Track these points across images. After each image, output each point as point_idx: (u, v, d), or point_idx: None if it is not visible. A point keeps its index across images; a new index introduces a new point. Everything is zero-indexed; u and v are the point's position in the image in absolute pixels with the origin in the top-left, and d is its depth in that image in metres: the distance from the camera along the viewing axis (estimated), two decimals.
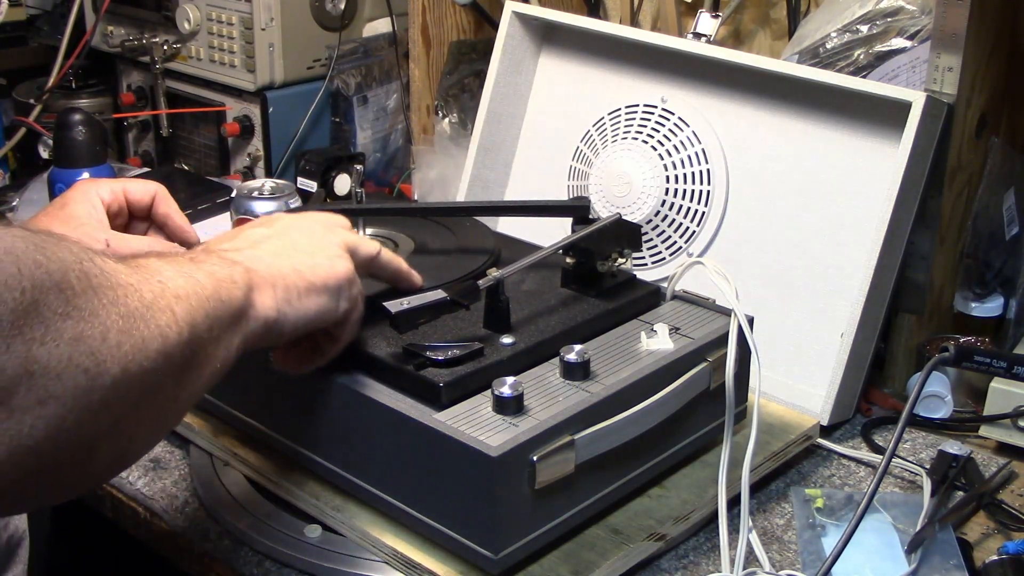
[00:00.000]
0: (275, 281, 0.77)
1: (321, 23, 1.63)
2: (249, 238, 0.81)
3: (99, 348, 0.59)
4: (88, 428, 0.60)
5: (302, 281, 0.78)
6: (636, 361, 0.90)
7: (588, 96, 1.29)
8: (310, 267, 0.80)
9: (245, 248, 0.79)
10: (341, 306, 0.82)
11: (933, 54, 1.08)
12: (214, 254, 0.75)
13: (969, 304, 1.18)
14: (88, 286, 0.60)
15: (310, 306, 0.79)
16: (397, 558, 0.85)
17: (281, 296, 0.77)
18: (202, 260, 0.72)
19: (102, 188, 1.00)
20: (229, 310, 0.71)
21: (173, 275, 0.67)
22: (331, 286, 0.80)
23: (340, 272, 0.82)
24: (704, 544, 0.92)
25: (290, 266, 0.79)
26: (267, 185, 1.29)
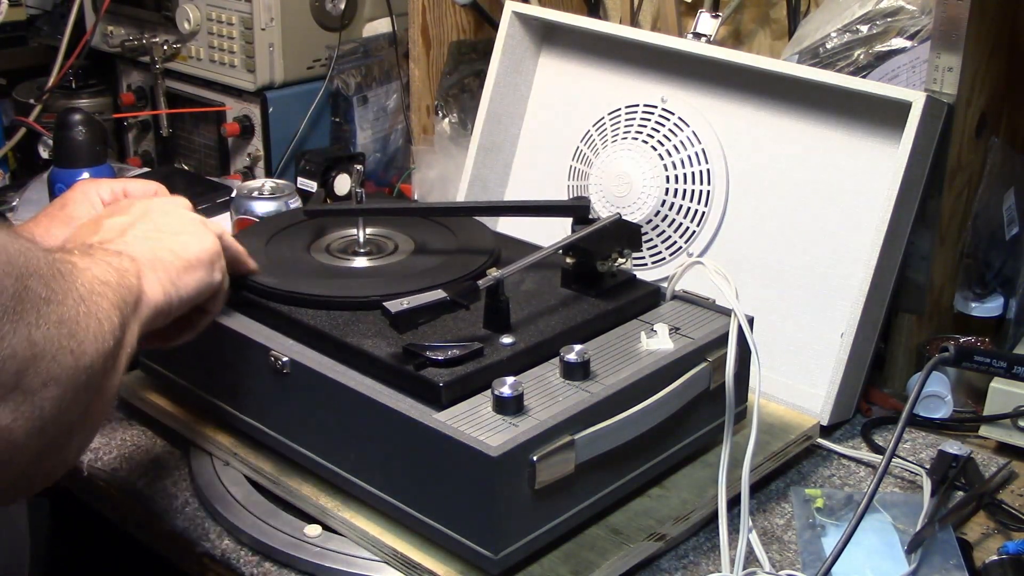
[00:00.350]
0: (155, 265, 0.78)
1: (321, 23, 1.63)
2: (114, 228, 0.82)
3: (76, 330, 0.62)
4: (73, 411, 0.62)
5: (179, 260, 0.81)
6: (636, 361, 0.90)
7: (588, 96, 1.29)
8: (182, 245, 0.82)
9: (116, 238, 0.80)
10: (215, 277, 0.85)
11: (933, 54, 1.08)
12: (96, 247, 0.76)
13: (969, 304, 1.18)
14: (55, 271, 0.62)
15: (191, 283, 0.81)
16: (397, 558, 0.85)
17: (164, 278, 0.79)
18: (93, 252, 0.74)
19: (102, 188, 1.00)
20: (132, 297, 0.73)
21: (89, 264, 0.69)
22: (205, 260, 0.83)
23: (209, 245, 0.84)
24: (704, 544, 0.92)
25: (164, 248, 0.80)
26: (267, 185, 1.30)
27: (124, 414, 1.09)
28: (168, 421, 1.05)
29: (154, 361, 1.05)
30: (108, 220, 0.83)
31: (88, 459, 1.03)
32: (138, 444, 1.05)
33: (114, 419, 1.09)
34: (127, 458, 1.03)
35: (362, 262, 1.03)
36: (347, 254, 1.04)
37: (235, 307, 0.97)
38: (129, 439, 1.06)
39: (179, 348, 1.01)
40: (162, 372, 1.05)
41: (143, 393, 1.07)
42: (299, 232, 1.08)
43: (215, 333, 0.96)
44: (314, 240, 1.07)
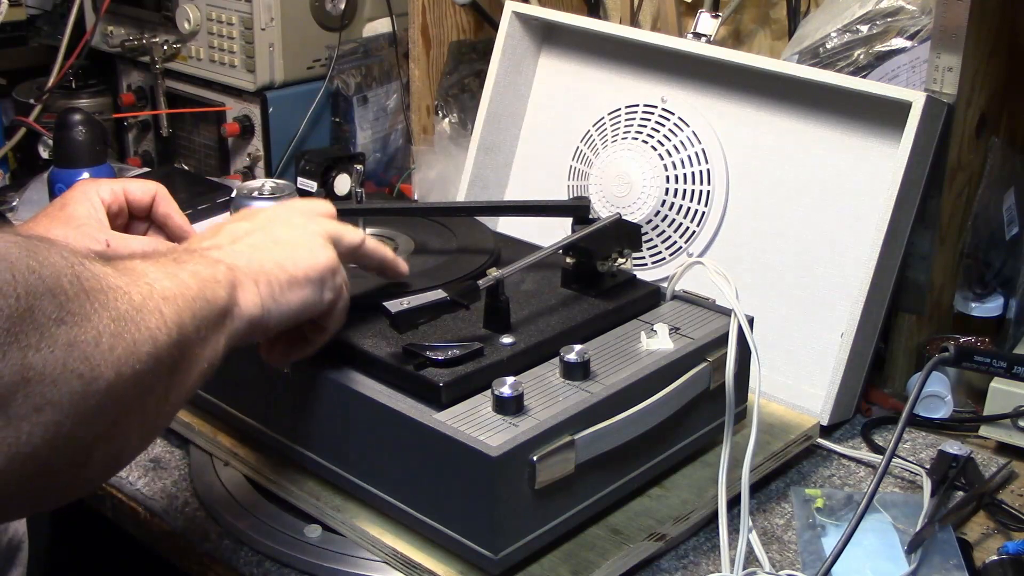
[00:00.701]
0: (257, 277, 0.76)
1: (321, 23, 1.63)
2: (230, 234, 0.80)
3: (93, 353, 0.59)
4: (84, 433, 0.60)
5: (284, 274, 0.78)
6: (636, 361, 0.90)
7: (588, 96, 1.29)
8: (291, 259, 0.79)
9: (225, 245, 0.78)
10: (326, 296, 0.82)
11: (933, 54, 1.08)
12: (196, 253, 0.75)
13: (969, 304, 1.18)
14: (80, 290, 0.59)
15: (294, 299, 0.79)
16: (397, 558, 0.85)
17: (264, 292, 0.76)
18: (185, 260, 0.72)
19: (102, 188, 1.00)
20: (214, 310, 0.71)
21: (159, 276, 0.67)
22: (313, 277, 0.80)
23: (322, 262, 0.81)
24: (704, 544, 0.92)
25: (271, 260, 0.78)
26: (267, 185, 1.29)
27: None
28: None
29: None
30: (230, 225, 0.82)
31: None
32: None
33: None
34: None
35: None
36: None
37: None
38: None
39: None
40: None
41: None
42: None
43: None
44: None
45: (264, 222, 0.83)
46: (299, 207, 0.87)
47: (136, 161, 1.75)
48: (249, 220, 0.83)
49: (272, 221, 0.83)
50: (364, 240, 0.88)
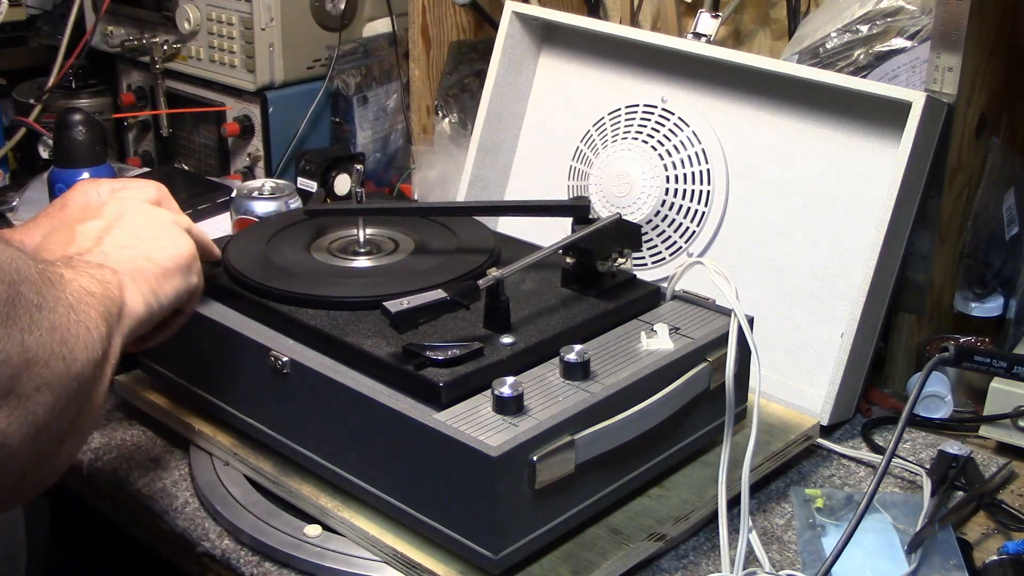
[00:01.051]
0: (134, 275, 0.78)
1: (321, 23, 1.63)
2: (88, 236, 0.81)
3: (67, 337, 0.62)
4: (65, 418, 0.62)
5: (157, 268, 0.80)
6: (636, 361, 0.90)
7: (588, 96, 1.29)
8: (159, 251, 0.82)
9: (93, 247, 0.79)
10: (192, 281, 0.85)
11: (933, 54, 1.08)
12: (77, 260, 0.75)
13: (969, 304, 1.18)
14: (45, 279, 0.62)
15: (170, 290, 0.81)
16: (397, 558, 0.85)
17: (145, 287, 0.78)
18: (73, 266, 0.73)
19: (102, 188, 1.00)
20: (116, 308, 0.73)
21: (74, 275, 0.69)
22: (183, 265, 0.83)
23: (186, 249, 0.84)
24: (704, 544, 0.92)
25: (141, 256, 0.80)
26: (267, 185, 1.30)
27: (124, 414, 1.09)
28: (168, 421, 1.05)
29: (154, 361, 1.05)
30: (81, 226, 0.82)
31: (88, 459, 1.03)
32: (138, 444, 1.05)
33: (114, 419, 1.09)
34: (127, 458, 1.03)
35: (362, 262, 1.03)
36: (347, 254, 1.04)
37: (236, 307, 0.97)
38: (129, 439, 1.06)
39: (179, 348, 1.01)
40: (162, 372, 1.05)
41: (143, 393, 1.07)
42: (299, 232, 1.08)
43: (215, 333, 0.96)
44: (314, 240, 1.07)
45: (115, 216, 0.83)
46: (135, 195, 0.88)
47: (136, 161, 1.75)
48: (98, 217, 0.83)
49: (122, 215, 0.83)
50: (190, 223, 0.91)
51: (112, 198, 0.87)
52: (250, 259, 1.01)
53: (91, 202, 0.87)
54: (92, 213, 0.84)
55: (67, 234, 0.81)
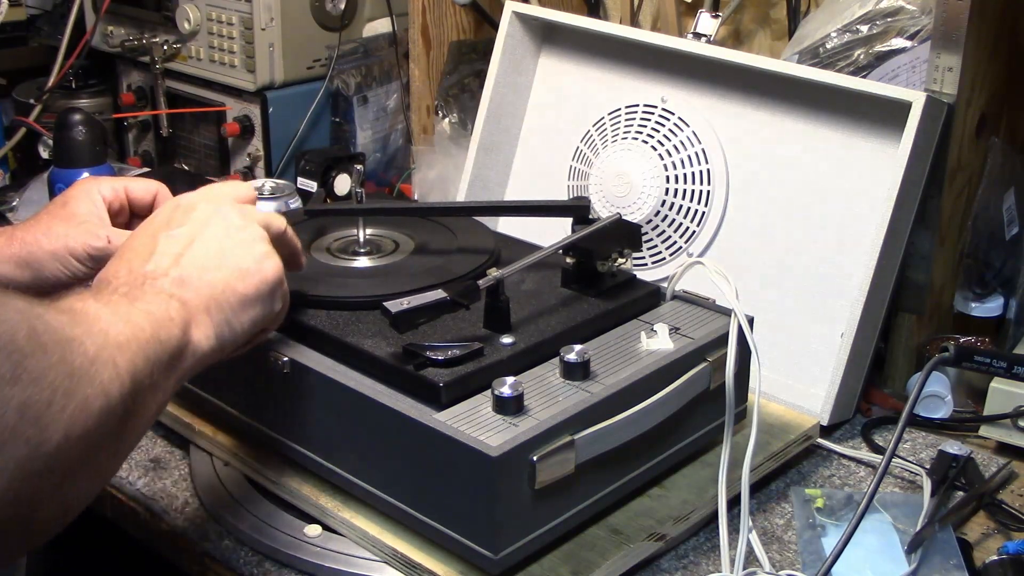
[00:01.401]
0: (209, 305, 0.74)
1: (321, 23, 1.63)
2: (169, 250, 0.76)
3: (43, 414, 0.57)
4: (29, 491, 0.57)
5: (235, 296, 0.76)
6: (636, 361, 0.90)
7: (588, 96, 1.29)
8: (240, 277, 0.77)
9: (170, 268, 0.75)
10: (276, 307, 0.81)
11: (933, 54, 1.08)
12: (145, 284, 0.72)
13: (969, 304, 1.18)
14: (37, 345, 0.57)
15: (247, 320, 0.77)
16: (397, 558, 0.85)
17: (218, 320, 0.74)
18: (136, 296, 0.70)
19: (103, 186, 1.00)
20: (168, 351, 0.69)
21: (113, 320, 0.65)
22: (264, 293, 0.78)
23: (270, 275, 0.79)
24: (704, 544, 0.92)
25: (221, 281, 0.75)
26: (267, 185, 1.30)
27: None
28: (168, 421, 1.05)
29: None
30: (165, 236, 0.77)
31: None
32: (138, 444, 1.05)
33: None
34: (127, 458, 1.03)
35: (362, 262, 1.03)
36: (347, 254, 1.04)
37: None
38: None
39: None
40: None
41: None
42: (299, 232, 1.07)
43: None
44: (314, 240, 1.07)
45: (200, 227, 0.79)
46: (225, 201, 0.82)
47: (136, 161, 1.75)
48: (183, 223, 0.79)
49: (208, 225, 0.79)
50: (287, 228, 0.87)
51: (204, 197, 0.82)
52: None
53: (181, 202, 0.81)
54: (179, 218, 0.79)
55: (149, 243, 0.77)
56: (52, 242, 0.95)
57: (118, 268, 0.76)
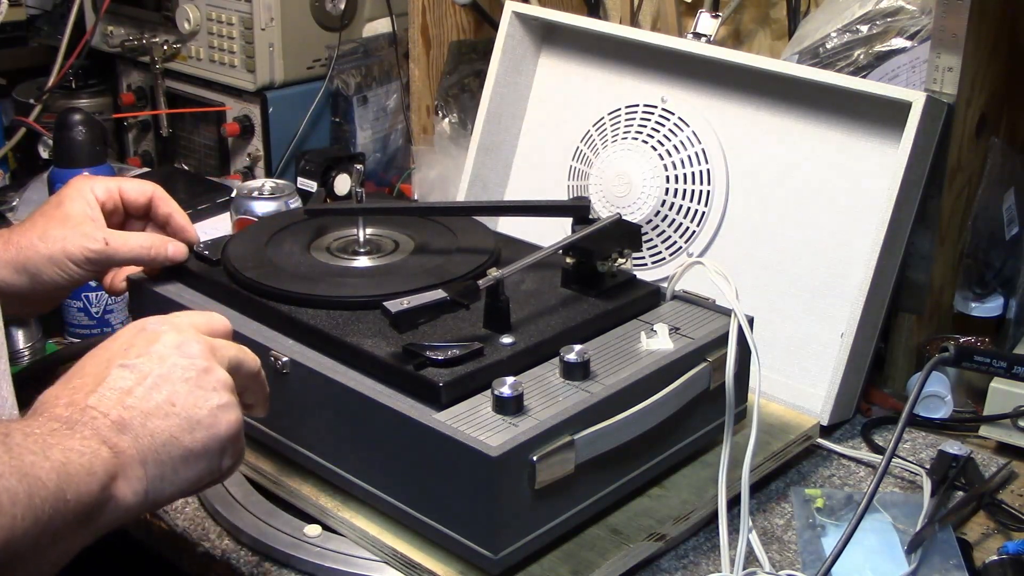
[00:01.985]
0: (145, 457, 0.67)
1: (321, 23, 1.63)
2: (117, 384, 0.69)
3: None
4: None
5: (178, 450, 0.69)
6: (636, 361, 0.90)
7: (588, 96, 1.29)
8: (189, 429, 0.69)
9: (113, 407, 0.67)
10: (223, 464, 0.72)
11: (933, 54, 1.08)
12: (83, 418, 0.66)
13: (969, 304, 1.18)
14: None
15: (186, 477, 0.70)
16: (397, 558, 0.85)
17: (152, 474, 0.68)
18: (64, 433, 0.64)
19: (97, 186, 1.00)
20: (76, 508, 0.62)
21: (55, 443, 0.61)
22: (213, 449, 0.71)
23: (223, 430, 0.71)
24: (704, 544, 0.92)
25: (166, 433, 0.68)
26: (267, 185, 1.30)
27: None
28: None
29: None
30: (119, 366, 0.70)
31: None
32: None
33: None
34: None
35: (362, 262, 1.03)
36: (347, 254, 1.04)
37: (236, 307, 0.97)
38: None
39: None
40: None
41: None
42: (299, 232, 1.08)
43: None
44: (314, 240, 1.07)
45: (157, 362, 0.71)
46: (192, 330, 0.74)
47: (136, 161, 1.75)
48: (142, 353, 0.71)
49: (165, 361, 0.71)
50: (259, 370, 0.79)
51: (172, 326, 0.74)
52: (250, 259, 1.01)
53: (147, 327, 0.73)
54: (140, 346, 0.72)
55: (101, 371, 0.70)
56: (49, 246, 0.95)
57: (60, 393, 0.69)
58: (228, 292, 0.98)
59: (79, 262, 0.95)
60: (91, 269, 0.97)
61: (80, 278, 0.97)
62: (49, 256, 0.95)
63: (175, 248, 1.00)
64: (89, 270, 0.97)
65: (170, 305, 0.99)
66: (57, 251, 0.95)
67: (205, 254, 1.02)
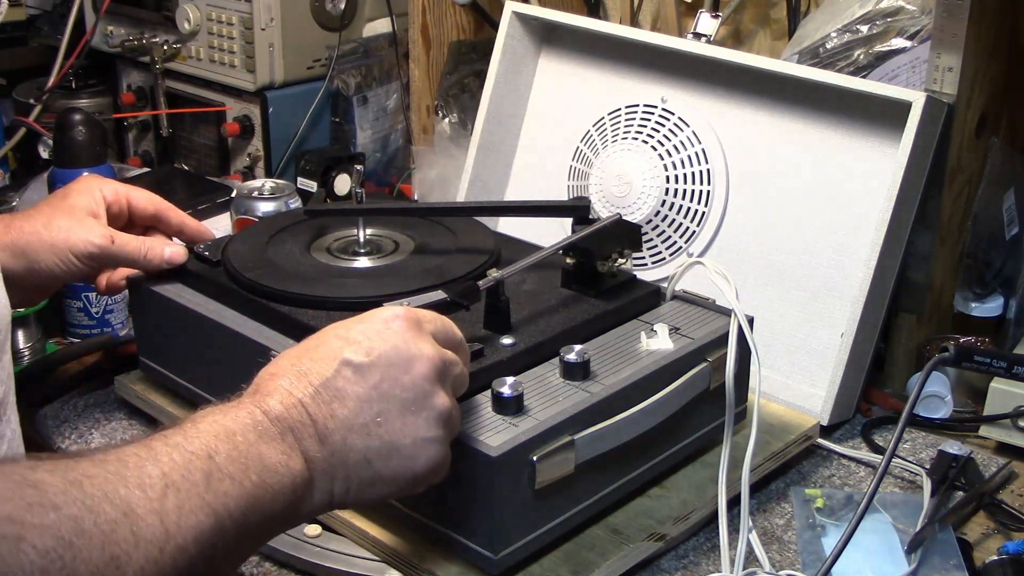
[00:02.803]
0: (335, 473, 0.67)
1: (321, 23, 1.63)
2: (337, 384, 0.68)
3: None
4: None
5: (368, 472, 0.68)
6: (636, 361, 0.90)
7: (588, 96, 1.29)
8: (385, 456, 0.68)
9: (322, 413, 0.67)
10: (415, 490, 0.72)
11: (933, 54, 1.08)
12: (286, 427, 0.65)
13: (969, 304, 1.18)
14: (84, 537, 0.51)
15: (370, 496, 0.69)
16: (397, 558, 0.85)
17: (339, 488, 0.68)
18: (256, 452, 0.63)
19: (106, 187, 1.01)
20: (258, 524, 0.63)
21: (196, 507, 0.58)
22: (403, 479, 0.70)
23: (420, 465, 0.70)
24: (704, 544, 0.92)
25: (361, 454, 0.67)
26: (267, 185, 1.30)
27: (124, 414, 1.09)
28: (168, 421, 1.05)
29: (154, 361, 1.05)
30: (345, 365, 0.68)
31: None
32: None
33: (114, 419, 1.09)
34: None
35: (362, 262, 1.03)
36: (347, 254, 1.04)
37: (236, 307, 0.97)
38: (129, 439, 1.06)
39: (179, 348, 1.01)
40: (162, 372, 1.05)
41: (143, 393, 1.07)
42: (299, 232, 1.08)
43: (215, 333, 0.96)
44: (314, 240, 1.07)
45: (382, 372, 0.69)
46: (431, 346, 0.71)
47: (136, 161, 1.75)
48: (371, 355, 0.69)
49: (390, 374, 0.69)
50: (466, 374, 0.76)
51: (415, 332, 0.71)
52: (250, 259, 1.01)
53: (393, 324, 0.71)
54: (370, 345, 0.69)
55: (328, 360, 0.69)
56: (52, 234, 0.95)
57: (285, 373, 0.69)
58: (228, 293, 0.98)
59: (81, 256, 0.95)
60: (91, 265, 0.97)
61: (77, 272, 0.97)
62: (51, 244, 0.94)
63: (172, 251, 1.00)
64: (89, 265, 0.97)
65: (170, 305, 0.99)
66: (60, 240, 0.95)
67: (205, 255, 1.02)
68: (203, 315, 0.96)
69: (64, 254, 0.95)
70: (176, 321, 0.99)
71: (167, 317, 1.01)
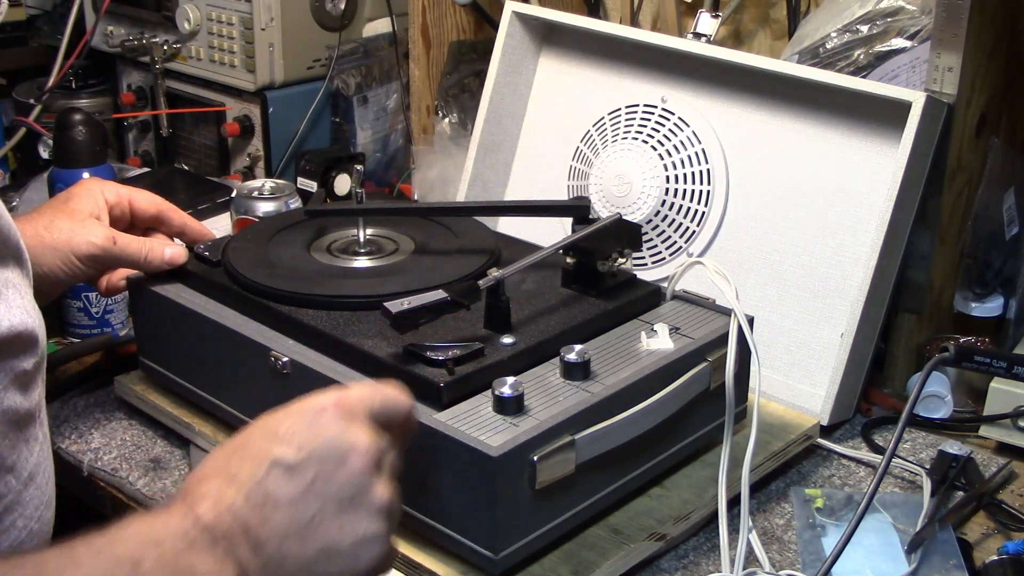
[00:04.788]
0: (265, 572, 0.63)
1: (321, 23, 1.63)
2: (269, 488, 0.63)
3: None
4: None
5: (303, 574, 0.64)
6: (636, 361, 0.90)
7: (588, 96, 1.29)
8: (325, 559, 0.64)
9: (255, 519, 0.62)
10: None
11: (933, 54, 1.08)
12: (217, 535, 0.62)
13: (969, 304, 1.18)
14: None
15: None
16: (397, 558, 0.85)
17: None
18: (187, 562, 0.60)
19: (107, 189, 1.01)
20: None
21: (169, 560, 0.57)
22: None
23: (362, 566, 0.65)
24: (704, 544, 0.92)
25: (299, 560, 0.63)
26: (267, 185, 1.30)
27: (124, 414, 1.09)
28: (168, 421, 1.05)
29: (154, 361, 1.05)
30: (275, 467, 0.64)
31: (88, 459, 1.03)
32: (138, 444, 1.05)
33: (114, 419, 1.09)
34: (127, 458, 1.03)
35: (362, 262, 1.03)
36: (347, 254, 1.04)
37: (236, 307, 0.97)
38: (129, 439, 1.06)
39: (179, 348, 1.01)
40: (162, 372, 1.05)
41: (143, 393, 1.07)
42: (299, 232, 1.08)
43: (215, 333, 0.96)
44: (314, 240, 1.07)
45: (316, 468, 0.64)
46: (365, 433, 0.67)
47: (136, 161, 1.75)
48: (303, 452, 0.64)
49: (324, 484, 0.64)
50: None
51: (346, 419, 0.66)
52: (250, 259, 1.01)
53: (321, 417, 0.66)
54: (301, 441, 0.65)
55: (258, 462, 0.64)
56: (55, 237, 0.95)
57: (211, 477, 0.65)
58: (228, 293, 0.98)
59: (83, 257, 0.95)
60: (93, 266, 0.97)
61: (79, 274, 0.97)
62: (53, 246, 0.95)
63: (173, 251, 1.01)
64: (91, 266, 0.97)
65: (170, 305, 0.99)
66: (62, 243, 0.95)
67: (206, 255, 1.02)
68: (203, 315, 0.96)
69: (66, 256, 0.95)
70: (176, 321, 1.00)
71: (167, 317, 1.01)
